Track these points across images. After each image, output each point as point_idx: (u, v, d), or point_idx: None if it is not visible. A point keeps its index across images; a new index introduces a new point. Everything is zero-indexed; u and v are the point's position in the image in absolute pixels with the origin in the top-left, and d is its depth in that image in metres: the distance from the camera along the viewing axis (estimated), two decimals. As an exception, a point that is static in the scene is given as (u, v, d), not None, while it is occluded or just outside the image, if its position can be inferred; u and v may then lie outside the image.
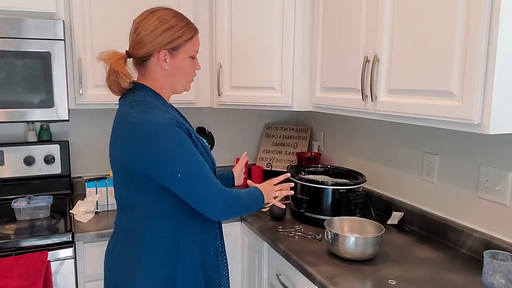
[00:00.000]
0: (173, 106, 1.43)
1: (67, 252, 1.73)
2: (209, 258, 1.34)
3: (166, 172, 1.15)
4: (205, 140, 1.39)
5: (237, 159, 2.58)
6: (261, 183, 1.56)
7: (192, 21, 1.32)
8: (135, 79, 1.31)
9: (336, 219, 1.64)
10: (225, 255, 1.43)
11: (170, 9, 1.28)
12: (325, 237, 1.51)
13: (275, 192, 1.46)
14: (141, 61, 1.27)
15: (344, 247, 1.45)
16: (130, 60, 1.30)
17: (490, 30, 1.10)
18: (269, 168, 2.62)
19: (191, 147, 1.19)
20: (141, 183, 1.21)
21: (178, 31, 1.25)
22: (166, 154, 1.14)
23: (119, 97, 1.32)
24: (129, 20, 2.00)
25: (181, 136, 1.17)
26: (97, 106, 2.02)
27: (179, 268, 1.26)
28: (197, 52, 1.33)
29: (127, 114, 1.21)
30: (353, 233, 1.61)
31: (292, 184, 1.54)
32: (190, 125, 1.44)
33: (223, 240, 1.43)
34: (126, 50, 1.28)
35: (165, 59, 1.25)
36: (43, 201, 1.93)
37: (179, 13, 1.29)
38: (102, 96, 2.00)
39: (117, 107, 1.81)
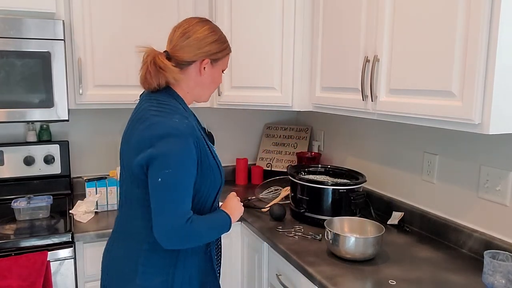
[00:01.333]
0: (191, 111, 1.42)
1: (67, 252, 1.73)
2: (207, 271, 1.33)
3: (154, 170, 1.15)
4: (215, 149, 1.39)
5: (237, 159, 2.59)
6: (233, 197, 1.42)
7: None
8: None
9: (336, 219, 1.63)
10: (220, 266, 1.44)
11: (212, 22, 1.33)
12: (325, 237, 1.51)
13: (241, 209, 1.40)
14: (180, 65, 1.27)
15: (344, 247, 1.45)
16: None
17: (490, 30, 1.10)
18: (269, 168, 2.62)
19: (190, 164, 1.17)
20: (143, 180, 1.21)
21: (223, 44, 1.31)
22: (164, 157, 1.14)
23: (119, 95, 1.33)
24: (129, 20, 2.02)
25: (188, 148, 1.16)
26: (97, 106, 2.02)
27: (176, 280, 1.25)
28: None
29: (147, 110, 1.22)
30: (353, 233, 1.61)
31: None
32: (202, 128, 1.41)
33: (221, 251, 1.44)
34: (166, 51, 1.28)
35: (205, 67, 1.28)
36: (43, 201, 1.93)
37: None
38: (102, 96, 2.00)
39: (116, 107, 1.85)
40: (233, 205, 1.37)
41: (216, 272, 1.38)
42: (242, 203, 1.42)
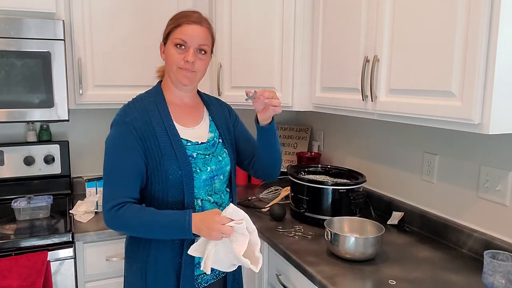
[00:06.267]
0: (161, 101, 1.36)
1: (67, 252, 1.73)
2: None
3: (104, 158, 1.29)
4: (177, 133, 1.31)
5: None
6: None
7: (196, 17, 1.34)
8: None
9: (336, 219, 1.63)
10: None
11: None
12: (325, 237, 1.51)
13: (220, 233, 1.17)
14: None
15: (344, 247, 1.45)
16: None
17: (490, 30, 1.10)
18: (269, 168, 2.62)
19: (119, 151, 1.25)
20: None
21: (170, 21, 1.35)
22: (106, 144, 1.29)
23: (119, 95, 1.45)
24: (128, 20, 2.02)
25: (119, 134, 1.26)
26: (97, 106, 2.02)
27: (150, 270, 1.29)
28: (183, 41, 1.29)
29: None
30: (353, 233, 1.61)
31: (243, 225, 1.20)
32: (163, 119, 1.32)
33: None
34: None
35: (162, 51, 1.37)
36: (43, 201, 1.93)
37: (188, 10, 1.38)
38: (102, 96, 2.00)
39: (115, 107, 1.89)
40: (206, 220, 1.19)
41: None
42: (224, 226, 1.17)
